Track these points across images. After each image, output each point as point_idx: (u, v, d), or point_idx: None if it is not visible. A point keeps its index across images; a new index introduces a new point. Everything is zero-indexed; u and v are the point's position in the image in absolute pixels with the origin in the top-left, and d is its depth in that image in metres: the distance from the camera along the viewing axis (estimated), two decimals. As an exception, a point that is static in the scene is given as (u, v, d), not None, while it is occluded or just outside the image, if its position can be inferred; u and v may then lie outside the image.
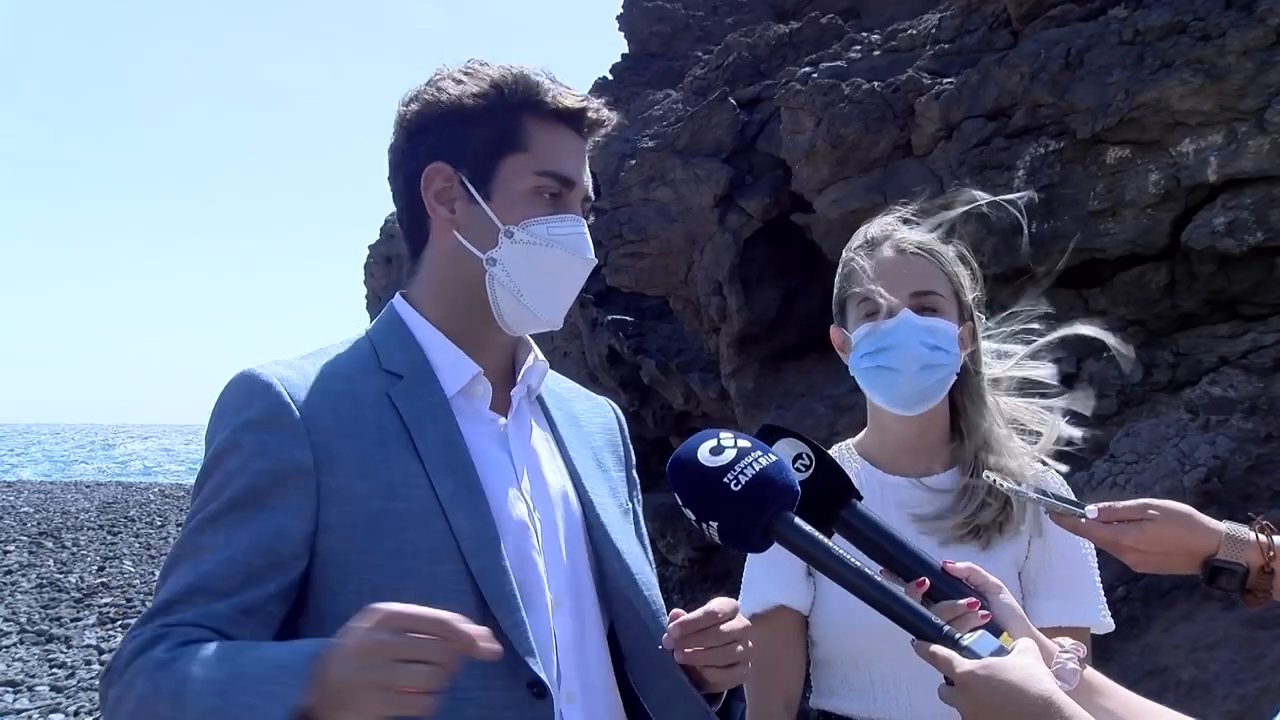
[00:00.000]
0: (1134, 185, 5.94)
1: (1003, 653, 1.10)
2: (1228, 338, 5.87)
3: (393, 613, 0.98)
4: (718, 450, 1.21)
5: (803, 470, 1.29)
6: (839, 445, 1.76)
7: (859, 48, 8.43)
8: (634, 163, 9.61)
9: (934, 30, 7.81)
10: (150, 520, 22.84)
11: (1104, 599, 1.66)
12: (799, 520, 1.19)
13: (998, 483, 1.48)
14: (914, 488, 1.66)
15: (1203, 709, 4.26)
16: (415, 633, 0.98)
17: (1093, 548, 1.64)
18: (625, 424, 1.60)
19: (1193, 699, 4.43)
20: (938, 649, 1.11)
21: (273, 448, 1.21)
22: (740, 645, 1.25)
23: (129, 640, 1.15)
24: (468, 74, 1.35)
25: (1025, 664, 1.08)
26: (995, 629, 1.16)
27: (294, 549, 1.20)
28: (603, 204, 9.61)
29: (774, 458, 1.21)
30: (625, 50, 14.41)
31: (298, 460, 1.21)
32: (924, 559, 1.26)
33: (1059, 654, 1.20)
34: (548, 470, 1.39)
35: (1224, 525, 1.39)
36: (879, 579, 1.17)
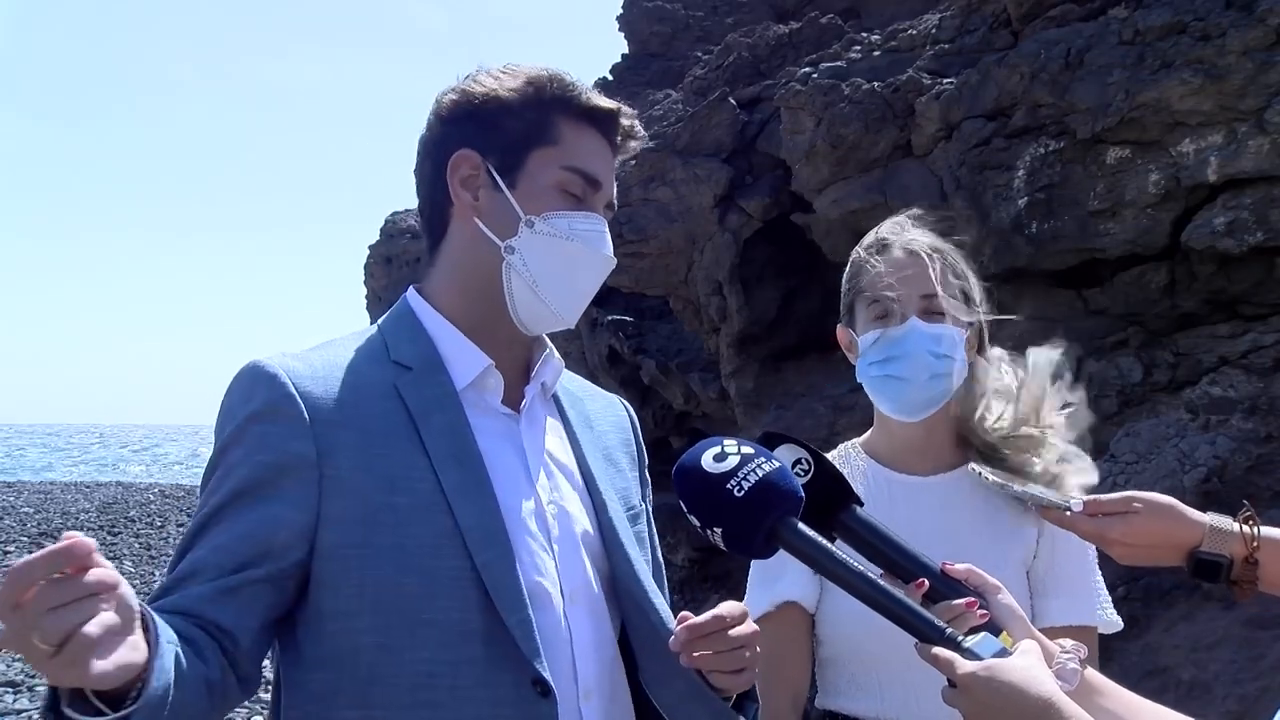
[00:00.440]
0: (1134, 185, 5.94)
1: (1004, 654, 1.10)
2: (1228, 338, 5.87)
3: (10, 574, 0.86)
4: (721, 457, 1.21)
5: (802, 475, 1.29)
6: (845, 445, 1.76)
7: (859, 48, 8.44)
8: (634, 163, 9.60)
9: (934, 30, 7.81)
10: (150, 520, 22.81)
11: (1109, 598, 1.66)
12: (803, 525, 1.19)
13: (985, 476, 1.48)
14: (922, 487, 1.66)
15: (1203, 709, 4.26)
16: (29, 583, 0.85)
17: (1094, 548, 1.65)
18: (638, 423, 1.59)
19: (1193, 699, 4.43)
20: (939, 651, 1.11)
21: (274, 439, 1.20)
22: (748, 650, 1.24)
23: None
24: (504, 71, 1.36)
25: (1026, 665, 1.08)
26: (994, 629, 1.17)
27: (288, 538, 1.18)
28: (602, 204, 9.60)
29: (777, 464, 1.21)
30: (625, 50, 14.43)
31: (299, 452, 1.19)
32: (923, 561, 1.26)
33: (1059, 655, 1.20)
34: (561, 468, 1.38)
35: (1208, 517, 1.40)
36: (881, 582, 1.17)
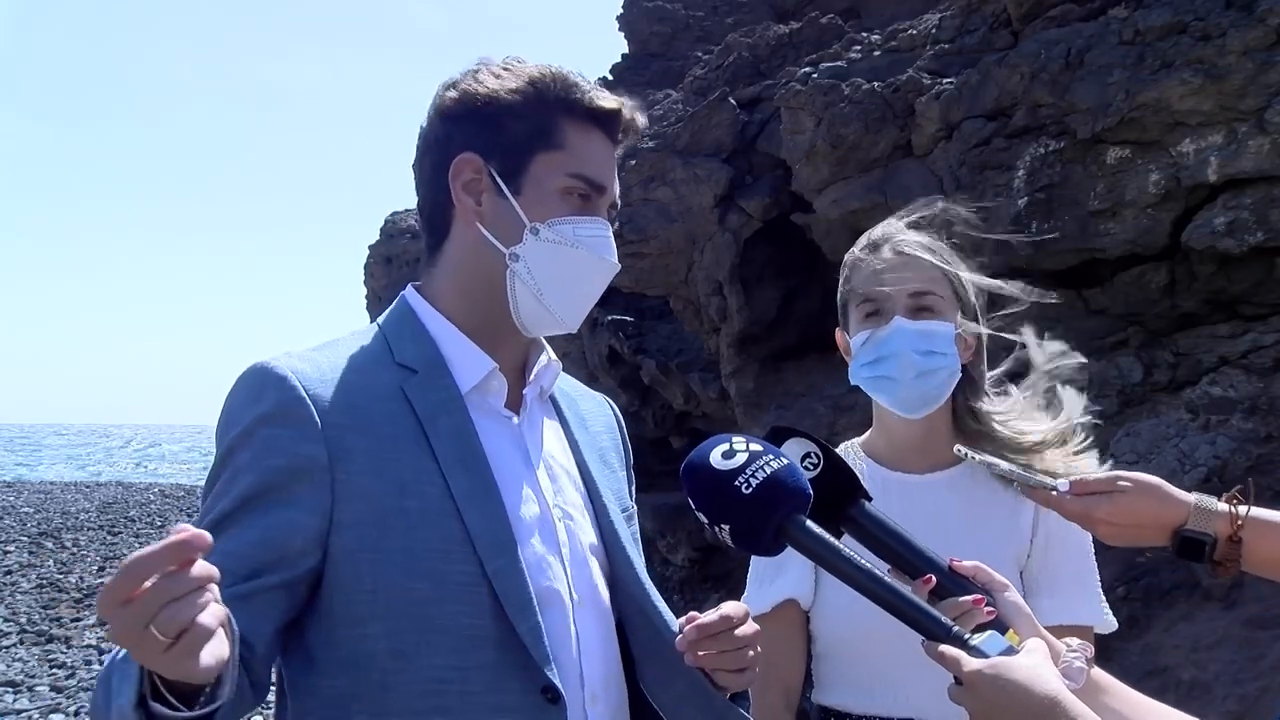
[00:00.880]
0: (1134, 185, 5.94)
1: (1011, 652, 1.10)
2: (1228, 338, 5.87)
3: (119, 572, 0.85)
4: (729, 454, 1.21)
5: (811, 469, 1.29)
6: (845, 445, 1.77)
7: (859, 48, 8.43)
8: (634, 163, 9.60)
9: (934, 30, 7.81)
10: (150, 520, 22.80)
11: (1104, 598, 1.66)
12: (810, 523, 1.19)
13: (970, 456, 1.48)
14: (918, 485, 1.67)
15: (1203, 709, 4.26)
16: (144, 577, 0.84)
17: (1091, 548, 1.65)
18: (623, 421, 1.60)
19: (1193, 699, 4.43)
20: (946, 649, 1.11)
21: (286, 443, 1.18)
22: (751, 650, 1.25)
23: None
24: (507, 69, 1.33)
25: (1033, 663, 1.08)
26: (1001, 626, 1.17)
27: (304, 544, 1.17)
28: (602, 204, 9.59)
29: (785, 461, 1.21)
30: (625, 50, 14.42)
31: (312, 456, 1.18)
32: (931, 557, 1.26)
33: (1065, 653, 1.20)
34: (562, 470, 1.38)
35: (1193, 496, 1.40)
36: (889, 580, 1.17)
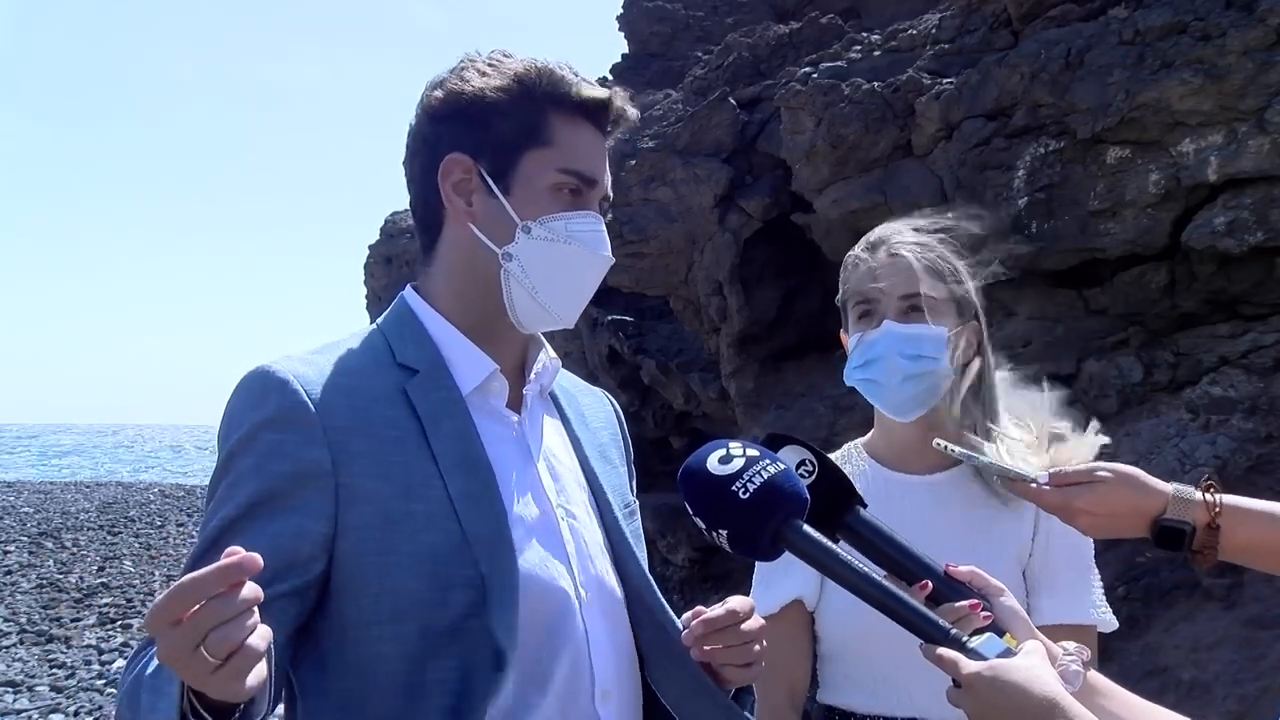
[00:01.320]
0: (1134, 185, 5.94)
1: (1009, 655, 1.10)
2: (1228, 338, 5.87)
3: (170, 593, 0.86)
4: (726, 459, 1.21)
5: (806, 476, 1.29)
6: (848, 445, 1.77)
7: (859, 48, 8.43)
8: (634, 163, 9.60)
9: (934, 30, 7.81)
10: (150, 520, 22.82)
11: (1105, 598, 1.66)
12: (808, 528, 1.19)
13: (949, 449, 1.48)
14: (918, 485, 1.67)
15: (1203, 709, 4.26)
16: (195, 599, 0.85)
17: (1092, 547, 1.65)
18: (623, 416, 1.59)
19: (1193, 699, 4.43)
20: (944, 651, 1.11)
21: (289, 448, 1.17)
22: (756, 645, 1.26)
23: (138, 646, 1.14)
24: (492, 65, 1.32)
25: (1031, 665, 1.08)
26: (998, 630, 1.17)
27: (312, 550, 1.17)
28: (603, 204, 9.60)
29: (782, 466, 1.21)
30: (625, 50, 14.41)
31: (316, 460, 1.17)
32: (927, 563, 1.26)
33: (1062, 656, 1.20)
34: (565, 468, 1.38)
35: (1171, 485, 1.40)
36: (886, 584, 1.17)
